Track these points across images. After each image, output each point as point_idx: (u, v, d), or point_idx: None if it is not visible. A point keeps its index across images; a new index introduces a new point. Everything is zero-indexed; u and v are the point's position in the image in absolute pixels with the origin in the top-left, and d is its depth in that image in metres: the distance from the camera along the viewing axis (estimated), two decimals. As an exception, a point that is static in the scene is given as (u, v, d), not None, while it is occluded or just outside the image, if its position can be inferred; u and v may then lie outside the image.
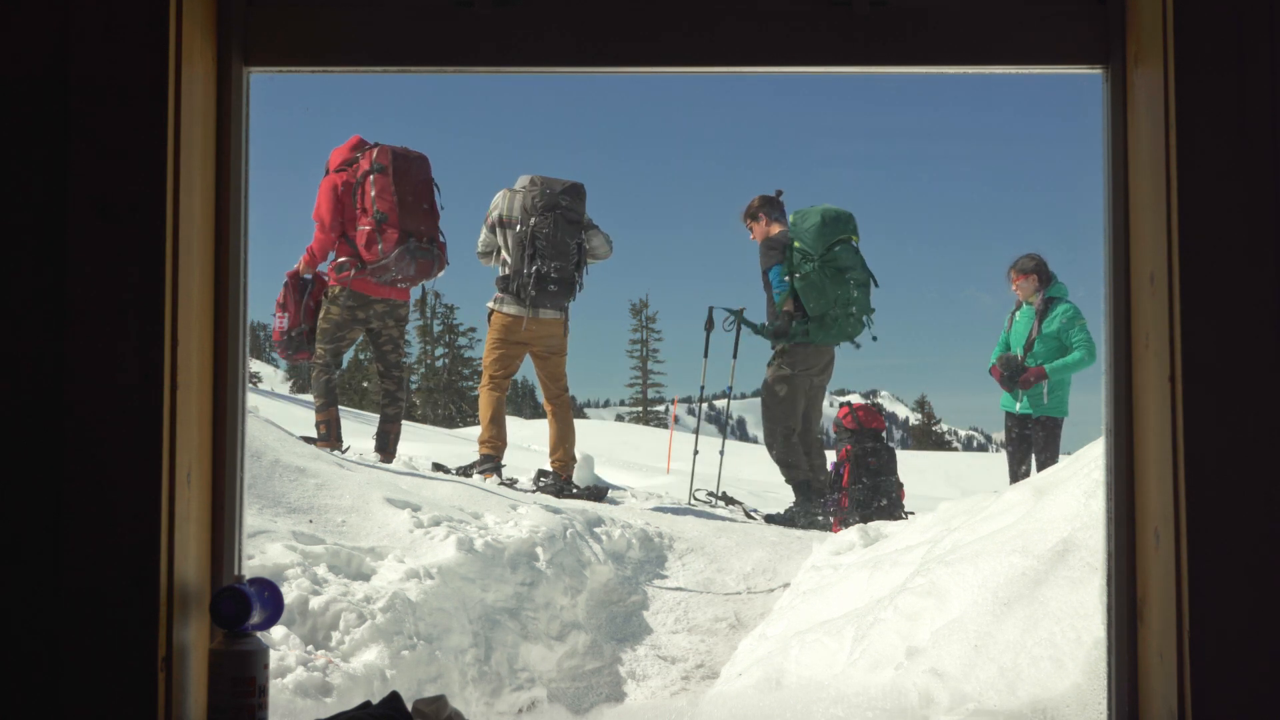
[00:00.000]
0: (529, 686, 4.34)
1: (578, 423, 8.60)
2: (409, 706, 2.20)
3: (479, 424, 7.47)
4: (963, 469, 18.68)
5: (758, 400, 7.86)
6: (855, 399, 8.51)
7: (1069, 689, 2.77)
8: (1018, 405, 7.91)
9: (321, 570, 4.10)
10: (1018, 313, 8.10)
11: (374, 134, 7.27)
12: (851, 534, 5.38)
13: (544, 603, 4.80)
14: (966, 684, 2.92)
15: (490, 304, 7.35)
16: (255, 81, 2.24)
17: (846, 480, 7.45)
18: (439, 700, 2.22)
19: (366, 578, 4.23)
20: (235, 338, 2.18)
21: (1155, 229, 2.01)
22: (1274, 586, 1.88)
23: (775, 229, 7.62)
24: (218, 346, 2.16)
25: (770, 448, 7.71)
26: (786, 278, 7.44)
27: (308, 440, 6.42)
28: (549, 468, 7.38)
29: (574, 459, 7.38)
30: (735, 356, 8.82)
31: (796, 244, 7.41)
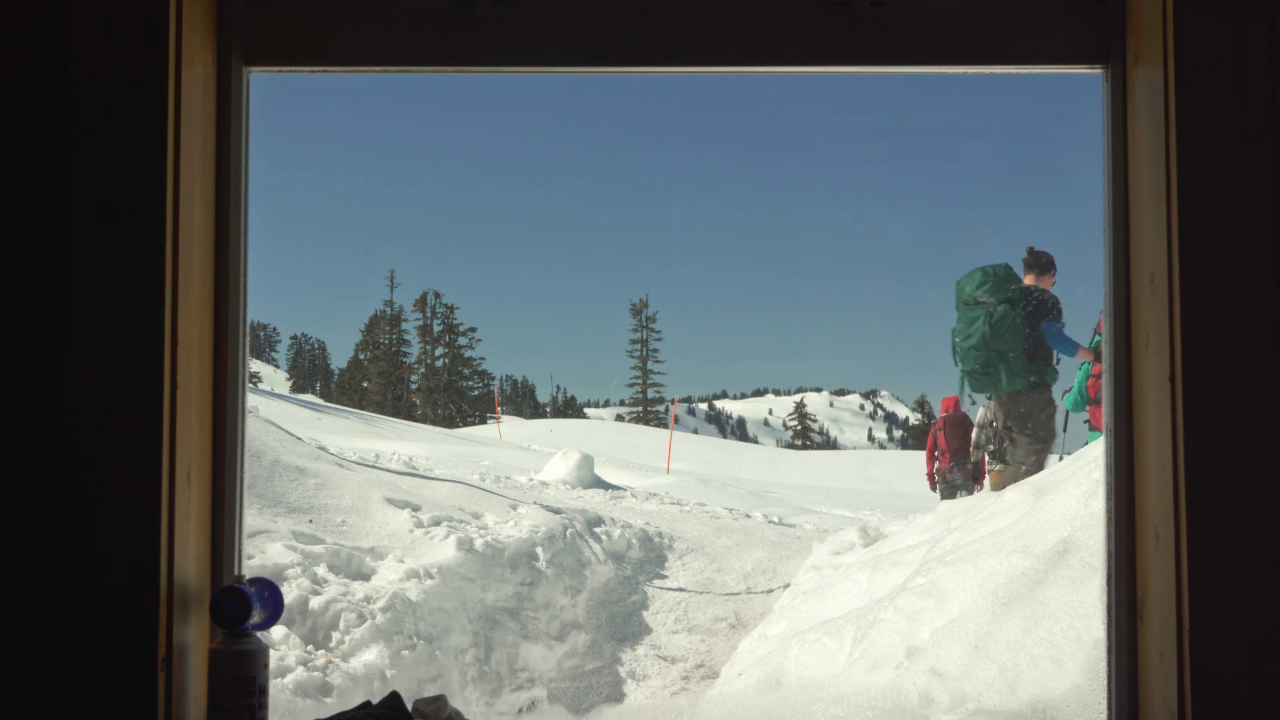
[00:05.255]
0: (529, 686, 4.34)
1: (577, 423, 8.55)
2: (409, 706, 2.20)
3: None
4: (963, 469, 18.62)
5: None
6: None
7: (1069, 689, 2.77)
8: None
9: (321, 570, 4.10)
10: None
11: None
12: (851, 534, 5.37)
13: (544, 603, 4.80)
14: (966, 684, 2.92)
15: None
16: (255, 81, 2.24)
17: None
18: (439, 700, 2.22)
19: (366, 578, 4.23)
20: (235, 338, 2.18)
21: (1155, 229, 2.01)
22: (1274, 586, 1.88)
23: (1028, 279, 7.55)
24: (218, 346, 2.16)
25: None
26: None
27: None
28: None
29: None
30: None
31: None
